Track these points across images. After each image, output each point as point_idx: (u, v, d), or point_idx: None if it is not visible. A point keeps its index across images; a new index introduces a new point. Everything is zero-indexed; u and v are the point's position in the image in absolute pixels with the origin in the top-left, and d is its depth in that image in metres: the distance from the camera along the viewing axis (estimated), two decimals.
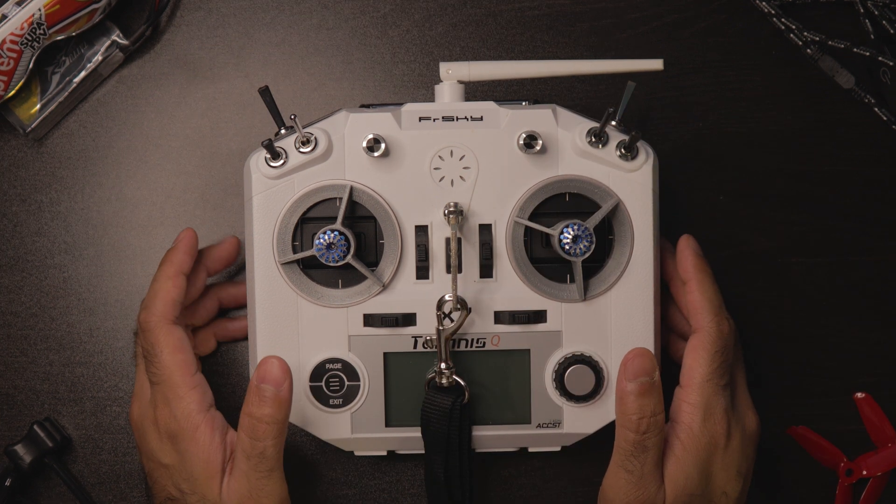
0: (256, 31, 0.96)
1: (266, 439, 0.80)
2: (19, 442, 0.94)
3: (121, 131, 0.96)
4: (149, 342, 0.84)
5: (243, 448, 0.81)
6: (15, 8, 0.89)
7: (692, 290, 0.84)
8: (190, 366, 0.84)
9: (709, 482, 0.83)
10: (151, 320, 0.84)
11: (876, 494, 0.98)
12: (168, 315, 0.84)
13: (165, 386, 0.83)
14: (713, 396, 0.82)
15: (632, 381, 0.81)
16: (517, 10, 0.97)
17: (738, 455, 0.83)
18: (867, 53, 0.94)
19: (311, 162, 0.83)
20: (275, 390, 0.80)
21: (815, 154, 0.98)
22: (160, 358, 0.83)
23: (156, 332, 0.84)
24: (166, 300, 0.84)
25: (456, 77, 0.86)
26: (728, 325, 0.83)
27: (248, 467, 0.81)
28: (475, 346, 0.85)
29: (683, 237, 0.86)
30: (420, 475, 0.97)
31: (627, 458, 0.81)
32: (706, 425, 0.82)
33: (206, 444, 0.82)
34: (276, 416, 0.80)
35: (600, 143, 0.83)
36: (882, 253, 0.98)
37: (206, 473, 0.82)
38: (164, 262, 0.86)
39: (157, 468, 0.85)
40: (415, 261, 0.84)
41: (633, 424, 0.80)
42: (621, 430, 0.81)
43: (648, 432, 0.80)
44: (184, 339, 0.84)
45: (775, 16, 0.96)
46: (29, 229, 0.96)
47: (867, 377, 0.99)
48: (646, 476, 0.81)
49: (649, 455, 0.81)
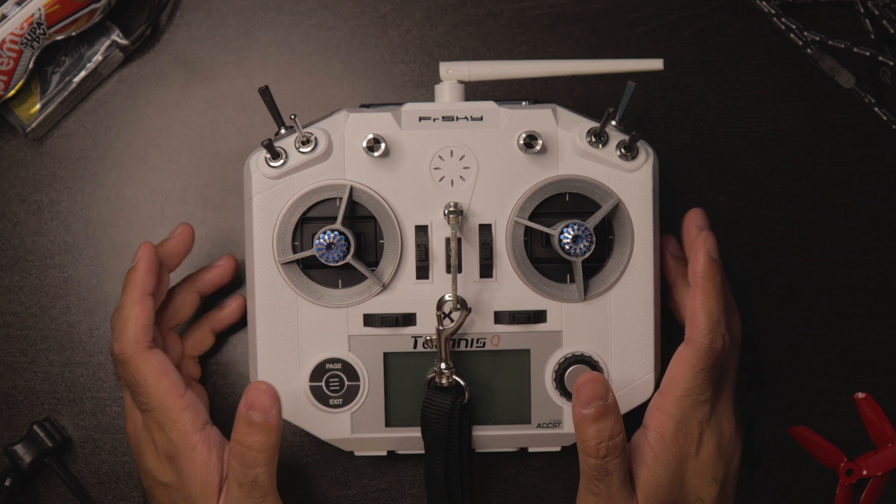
0: (256, 31, 0.96)
1: (257, 467, 0.80)
2: (19, 442, 0.94)
3: (121, 131, 0.96)
4: (129, 373, 0.83)
5: (235, 476, 0.80)
6: (15, 8, 0.89)
7: (694, 299, 0.82)
8: (178, 387, 0.83)
9: (682, 488, 0.83)
10: (127, 350, 0.82)
11: (876, 494, 0.98)
12: (142, 342, 0.83)
13: (157, 412, 0.82)
14: (689, 410, 0.81)
15: (585, 407, 0.80)
16: (517, 10, 0.97)
17: (711, 463, 0.83)
18: (867, 53, 0.94)
19: (310, 162, 0.83)
20: (263, 417, 0.80)
21: (815, 154, 0.98)
22: (146, 387, 0.82)
23: (134, 361, 0.82)
24: (137, 327, 0.83)
25: (456, 77, 0.86)
26: (723, 341, 0.81)
27: (241, 494, 0.81)
28: (475, 346, 0.85)
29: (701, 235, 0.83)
30: (420, 475, 0.97)
31: (592, 482, 0.81)
32: (678, 435, 0.82)
33: (202, 464, 0.82)
34: (265, 443, 0.80)
35: (600, 143, 0.83)
36: (882, 253, 0.98)
37: (205, 493, 0.82)
38: (128, 284, 0.84)
39: (154, 486, 0.85)
40: (415, 261, 0.84)
41: (593, 450, 0.80)
42: (582, 455, 0.81)
43: (609, 456, 0.80)
44: (165, 362, 0.83)
45: (775, 16, 0.96)
46: (29, 229, 0.96)
47: (867, 377, 0.98)
48: (613, 496, 0.80)
49: (613, 477, 0.80)
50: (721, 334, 0.81)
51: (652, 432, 0.82)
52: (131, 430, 0.87)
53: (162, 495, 0.84)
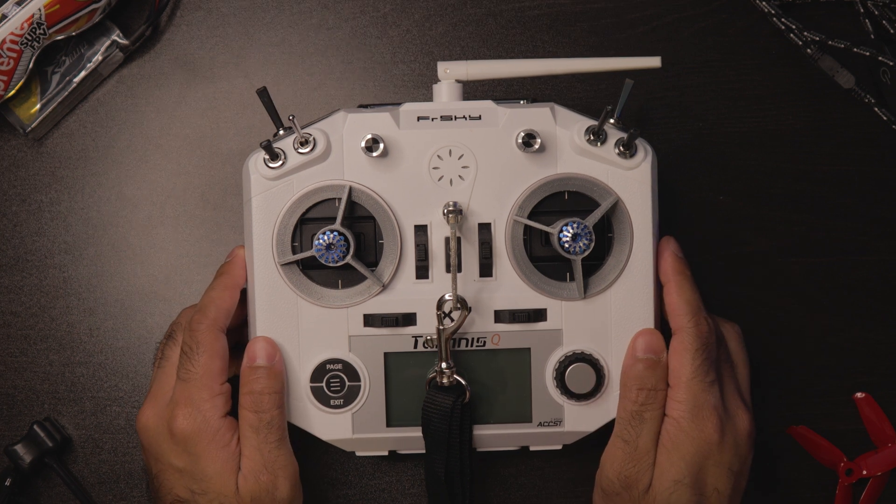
0: (256, 31, 0.97)
1: (271, 409, 0.83)
2: (19, 442, 0.94)
3: (121, 131, 0.96)
4: (194, 340, 0.84)
5: (250, 424, 0.83)
6: (15, 8, 0.89)
7: (670, 293, 0.84)
8: (223, 374, 0.84)
9: (699, 476, 0.83)
10: (204, 322, 0.84)
11: (876, 494, 0.98)
12: (220, 322, 0.85)
13: (195, 385, 0.83)
14: (701, 393, 0.82)
15: (641, 355, 0.83)
16: (517, 9, 0.97)
17: (730, 453, 0.84)
18: (867, 53, 0.94)
19: (309, 162, 0.83)
20: (268, 364, 0.83)
21: (815, 154, 0.98)
22: (199, 358, 0.83)
23: (205, 333, 0.84)
24: (221, 308, 0.85)
25: (454, 76, 0.86)
26: (707, 324, 0.83)
27: (258, 441, 0.82)
28: (475, 346, 0.85)
29: (664, 238, 0.86)
30: (420, 475, 0.97)
31: (625, 426, 0.83)
32: (696, 421, 0.82)
33: (224, 445, 0.83)
34: (274, 386, 0.83)
35: (599, 141, 0.83)
36: (882, 253, 0.98)
37: (224, 471, 0.83)
38: (222, 273, 0.87)
39: (166, 470, 0.85)
40: (414, 260, 0.84)
41: (633, 394, 0.83)
42: (622, 401, 0.84)
43: (646, 404, 0.82)
44: (225, 350, 0.85)
45: (775, 16, 0.96)
46: (29, 229, 0.96)
47: (867, 377, 0.98)
48: (640, 450, 0.82)
49: (646, 427, 0.82)
50: (703, 318, 0.83)
51: (670, 420, 0.83)
52: (150, 414, 0.86)
53: (172, 479, 0.84)
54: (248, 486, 0.82)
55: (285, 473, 0.83)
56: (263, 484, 0.82)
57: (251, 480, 0.82)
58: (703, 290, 0.85)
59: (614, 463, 0.83)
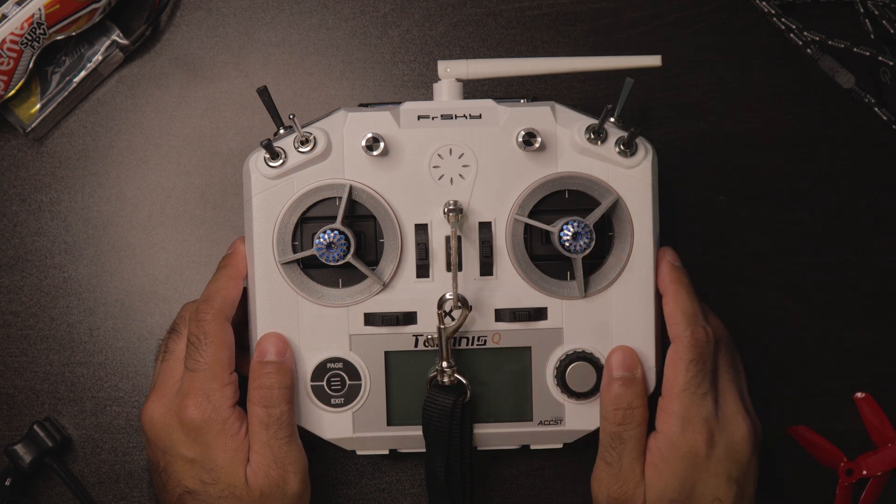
0: (256, 31, 0.97)
1: (281, 405, 0.83)
2: (19, 442, 0.94)
3: (121, 131, 0.96)
4: (201, 331, 0.84)
5: (260, 419, 0.83)
6: (15, 8, 0.89)
7: (667, 302, 0.84)
8: (231, 364, 0.84)
9: (694, 489, 0.83)
10: (210, 311, 0.84)
11: (876, 494, 0.98)
12: (226, 312, 0.85)
13: (203, 375, 0.83)
14: (691, 406, 0.82)
15: (615, 374, 0.83)
16: (517, 9, 0.97)
17: (725, 462, 0.83)
18: (867, 53, 0.94)
19: (310, 161, 0.83)
20: (279, 360, 0.83)
21: (815, 154, 0.98)
22: (207, 349, 0.83)
23: (212, 323, 0.84)
24: (226, 298, 0.85)
25: (454, 75, 0.86)
26: (705, 333, 0.83)
27: (268, 437, 0.82)
28: (476, 344, 0.85)
29: (662, 249, 0.86)
30: (420, 474, 0.97)
31: (607, 449, 0.83)
32: (685, 434, 0.82)
33: (234, 435, 0.83)
34: (284, 381, 0.83)
35: (599, 140, 0.83)
36: (882, 253, 0.98)
37: (234, 461, 0.83)
38: (225, 265, 0.87)
39: (174, 462, 0.85)
40: (415, 259, 0.84)
41: (611, 415, 0.83)
42: (602, 423, 0.84)
43: (625, 424, 0.82)
44: (232, 339, 0.85)
45: (775, 16, 0.96)
46: (29, 229, 0.96)
47: (867, 377, 0.98)
48: (624, 469, 0.82)
49: (626, 447, 0.82)
50: (700, 326, 0.83)
51: (659, 434, 0.83)
52: (156, 407, 0.86)
53: (182, 471, 0.84)
54: (257, 481, 0.83)
55: (295, 469, 0.83)
56: (273, 479, 0.83)
57: (261, 476, 0.82)
58: (702, 290, 0.85)
59: (601, 486, 0.84)
